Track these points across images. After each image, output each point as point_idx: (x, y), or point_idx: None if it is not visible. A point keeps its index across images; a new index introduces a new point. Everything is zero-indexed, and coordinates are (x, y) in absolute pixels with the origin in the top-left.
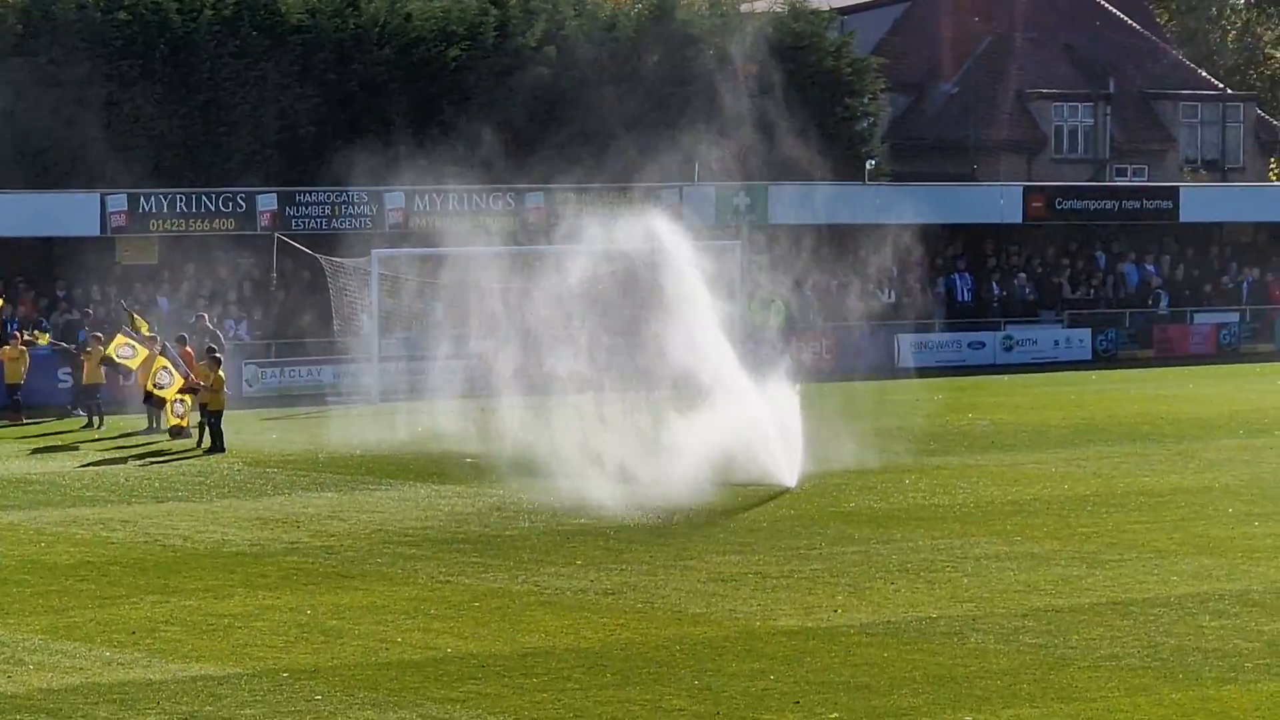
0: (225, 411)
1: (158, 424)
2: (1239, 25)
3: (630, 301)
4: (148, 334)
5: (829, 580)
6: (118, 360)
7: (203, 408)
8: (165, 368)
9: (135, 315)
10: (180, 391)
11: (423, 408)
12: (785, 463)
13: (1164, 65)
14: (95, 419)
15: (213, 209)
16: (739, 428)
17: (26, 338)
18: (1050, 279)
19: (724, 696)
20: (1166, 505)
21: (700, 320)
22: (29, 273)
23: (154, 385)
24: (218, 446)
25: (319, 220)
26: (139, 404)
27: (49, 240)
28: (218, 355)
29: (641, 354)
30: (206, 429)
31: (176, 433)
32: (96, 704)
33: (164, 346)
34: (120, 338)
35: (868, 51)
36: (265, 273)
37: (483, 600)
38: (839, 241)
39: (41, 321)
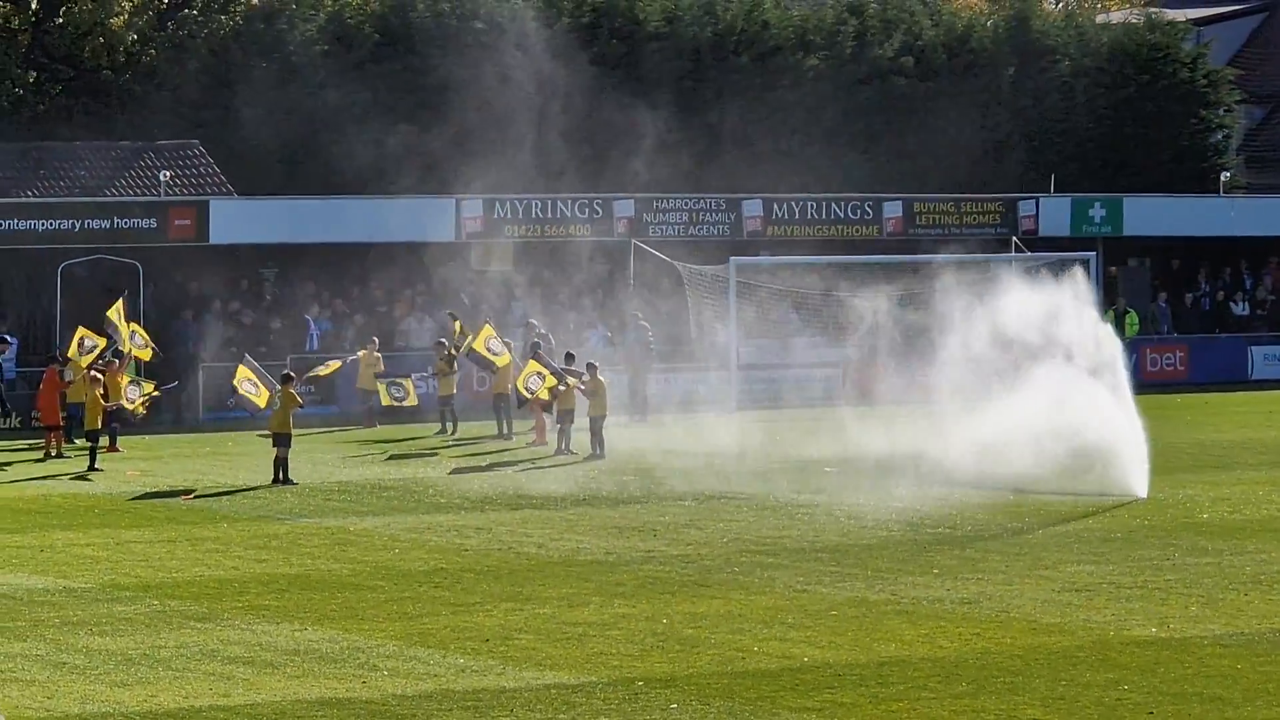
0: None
1: (508, 431)
2: None
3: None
4: (459, 335)
5: (1182, 591)
6: (486, 354)
7: (565, 412)
8: (538, 372)
9: (458, 321)
10: (549, 391)
11: (780, 416)
12: (1136, 472)
13: None
14: (449, 425)
15: (567, 214)
16: (1091, 435)
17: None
18: None
19: (1078, 706)
20: None
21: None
22: (381, 278)
23: (525, 390)
24: (598, 452)
25: (676, 227)
26: (490, 410)
27: (403, 245)
28: (594, 363)
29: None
30: (560, 434)
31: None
32: (450, 710)
33: (535, 351)
34: (488, 329)
35: (1223, 63)
36: (623, 280)
37: (839, 609)
38: (1193, 253)
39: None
